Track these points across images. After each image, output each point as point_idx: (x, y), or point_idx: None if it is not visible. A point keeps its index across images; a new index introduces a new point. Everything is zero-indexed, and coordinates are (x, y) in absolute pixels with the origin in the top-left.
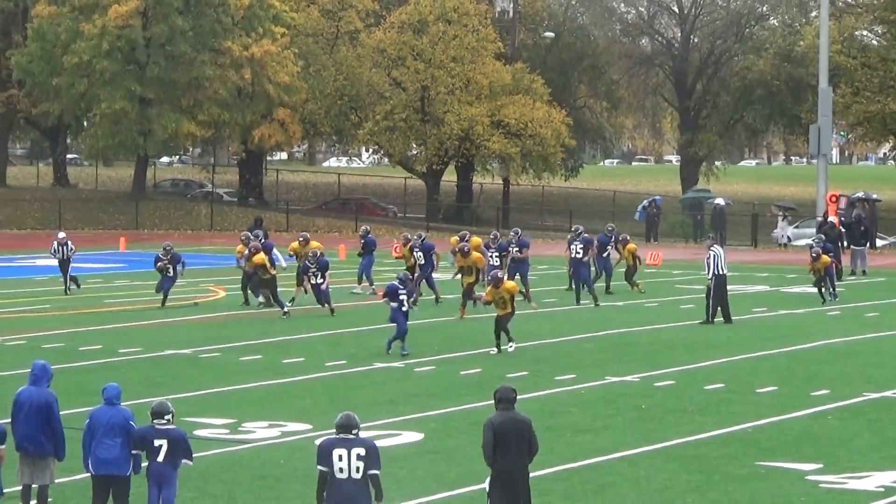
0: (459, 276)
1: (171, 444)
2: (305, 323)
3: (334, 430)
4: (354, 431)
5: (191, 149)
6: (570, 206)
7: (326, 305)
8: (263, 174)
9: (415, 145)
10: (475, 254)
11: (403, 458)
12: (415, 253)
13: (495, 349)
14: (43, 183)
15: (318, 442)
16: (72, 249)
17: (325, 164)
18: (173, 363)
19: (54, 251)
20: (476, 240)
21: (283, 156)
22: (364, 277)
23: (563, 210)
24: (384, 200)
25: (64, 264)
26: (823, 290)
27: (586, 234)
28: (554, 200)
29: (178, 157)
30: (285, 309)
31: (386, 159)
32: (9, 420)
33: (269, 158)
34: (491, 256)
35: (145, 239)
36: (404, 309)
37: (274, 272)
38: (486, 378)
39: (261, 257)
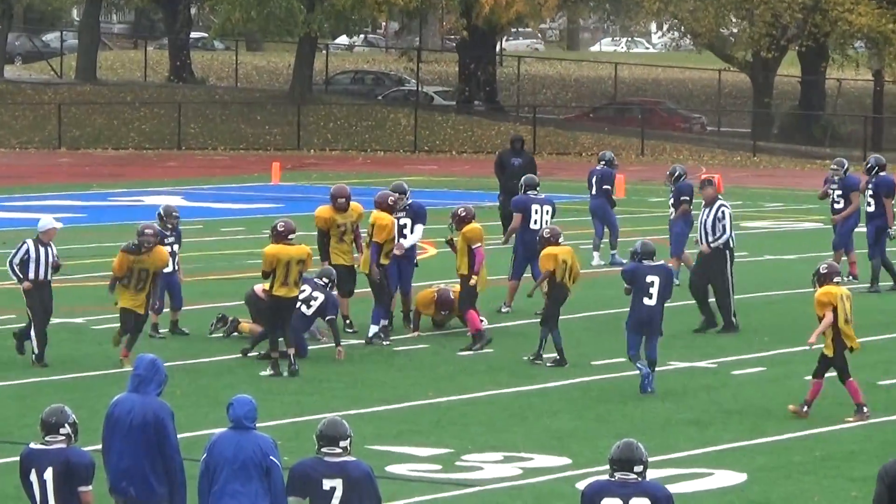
0: None
1: (348, 485)
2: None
3: (607, 468)
4: (637, 469)
5: (383, 25)
6: None
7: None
8: (497, 64)
9: (734, 19)
10: None
11: None
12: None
13: None
14: (154, 76)
15: (581, 486)
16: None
17: (594, 48)
18: (353, 356)
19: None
20: None
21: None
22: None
23: None
24: (686, 106)
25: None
26: None
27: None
28: None
29: (362, 37)
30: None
31: (688, 41)
32: (98, 447)
33: (505, 40)
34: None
35: (311, 164)
36: None
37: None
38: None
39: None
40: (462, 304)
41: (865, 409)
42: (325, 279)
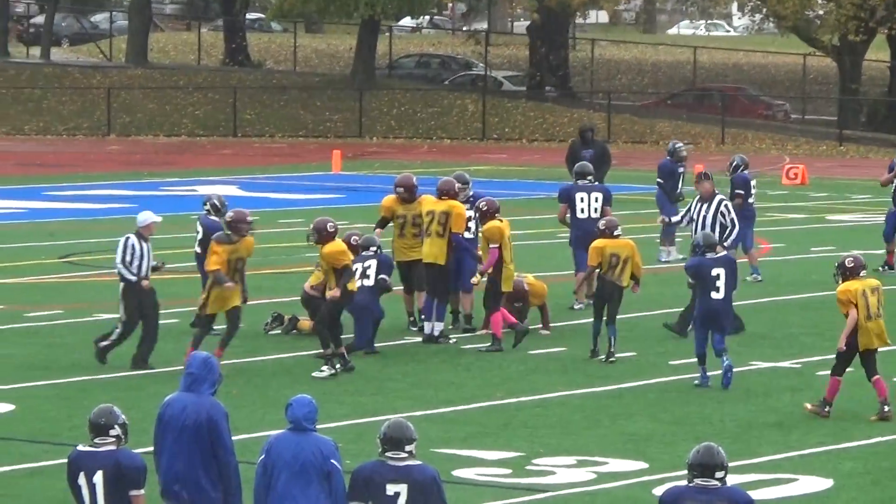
0: None
1: (413, 490)
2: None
3: (686, 473)
4: (718, 474)
5: (450, 6)
6: None
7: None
8: (569, 48)
9: (820, 0)
10: None
11: None
12: None
13: None
14: (208, 59)
15: (658, 492)
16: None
17: (672, 31)
18: (418, 354)
19: None
20: None
21: (601, 17)
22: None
23: None
24: (769, 92)
25: None
26: None
27: None
28: None
29: (428, 18)
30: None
31: (771, 23)
32: (150, 449)
33: (577, 22)
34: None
35: (373, 153)
36: None
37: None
38: None
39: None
40: (485, 304)
41: (828, 409)
42: (371, 248)
